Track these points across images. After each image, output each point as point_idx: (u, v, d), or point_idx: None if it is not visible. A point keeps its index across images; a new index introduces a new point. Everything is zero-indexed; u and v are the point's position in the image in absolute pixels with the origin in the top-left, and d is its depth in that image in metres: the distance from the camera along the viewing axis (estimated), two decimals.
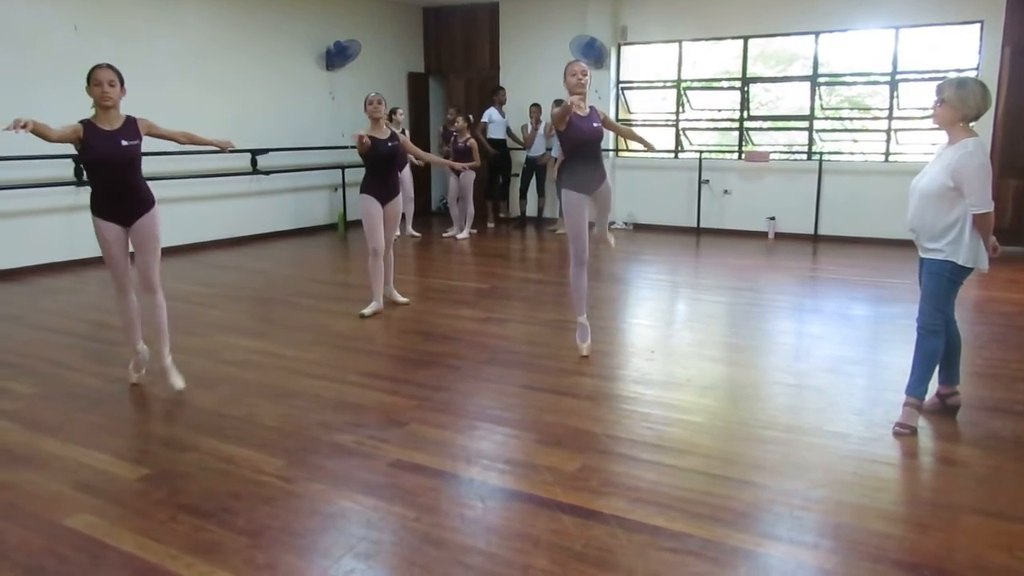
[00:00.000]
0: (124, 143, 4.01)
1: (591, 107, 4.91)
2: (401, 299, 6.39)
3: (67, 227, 7.77)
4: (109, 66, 3.98)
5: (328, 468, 3.39)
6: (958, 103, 3.53)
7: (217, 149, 4.68)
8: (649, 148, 5.56)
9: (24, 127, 3.61)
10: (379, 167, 5.91)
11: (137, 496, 3.14)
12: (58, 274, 7.65)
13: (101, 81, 3.91)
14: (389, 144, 5.87)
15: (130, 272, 4.28)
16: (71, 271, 7.71)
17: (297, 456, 3.50)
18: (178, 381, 4.34)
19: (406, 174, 9.76)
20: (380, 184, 5.92)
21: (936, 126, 3.71)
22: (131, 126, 4.06)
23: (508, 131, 11.24)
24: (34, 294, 6.89)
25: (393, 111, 9.89)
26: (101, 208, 4.10)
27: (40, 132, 3.74)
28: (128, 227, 4.17)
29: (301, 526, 2.89)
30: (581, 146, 4.81)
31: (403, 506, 3.03)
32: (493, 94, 11.33)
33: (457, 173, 10.03)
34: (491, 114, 11.05)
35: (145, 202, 4.19)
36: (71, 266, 7.80)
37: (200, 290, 7.04)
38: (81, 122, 3.95)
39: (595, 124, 4.83)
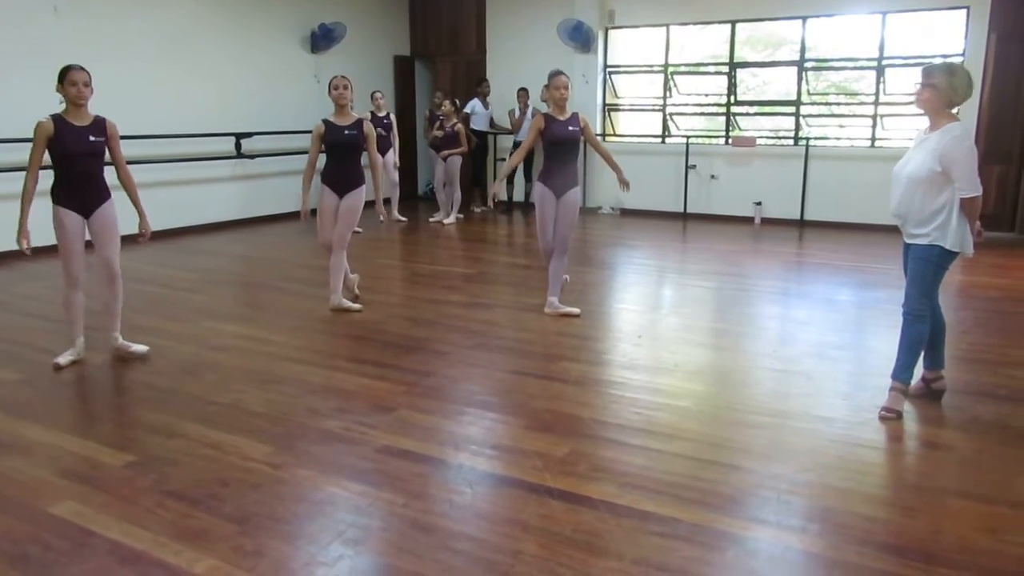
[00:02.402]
0: (92, 139, 4.32)
1: (574, 113, 5.46)
2: (353, 306, 5.69)
3: (48, 212, 7.64)
4: (81, 67, 4.28)
5: (315, 454, 3.38)
6: (947, 89, 3.55)
7: (138, 214, 4.69)
8: (622, 182, 5.71)
9: (28, 243, 4.41)
10: (336, 156, 5.52)
11: (123, 483, 3.11)
12: (41, 259, 7.51)
13: (77, 81, 4.22)
14: (347, 132, 5.44)
15: (83, 265, 4.50)
16: (54, 256, 7.56)
17: (284, 442, 3.49)
18: (140, 347, 4.67)
19: (389, 159, 9.72)
20: (337, 174, 5.51)
21: (920, 110, 3.72)
22: (100, 125, 4.38)
23: (492, 122, 11.22)
24: (16, 279, 6.81)
25: (372, 95, 9.82)
26: (64, 197, 4.38)
27: (30, 197, 4.37)
28: (87, 217, 4.44)
29: (289, 512, 2.87)
30: (556, 145, 5.41)
31: (391, 492, 3.02)
32: (477, 86, 11.28)
33: (444, 158, 9.99)
34: (474, 105, 11.02)
35: (103, 193, 4.45)
36: (54, 251, 7.64)
37: (184, 275, 6.98)
38: (51, 116, 4.25)
39: (571, 128, 5.40)
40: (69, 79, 4.22)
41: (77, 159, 4.30)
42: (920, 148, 3.66)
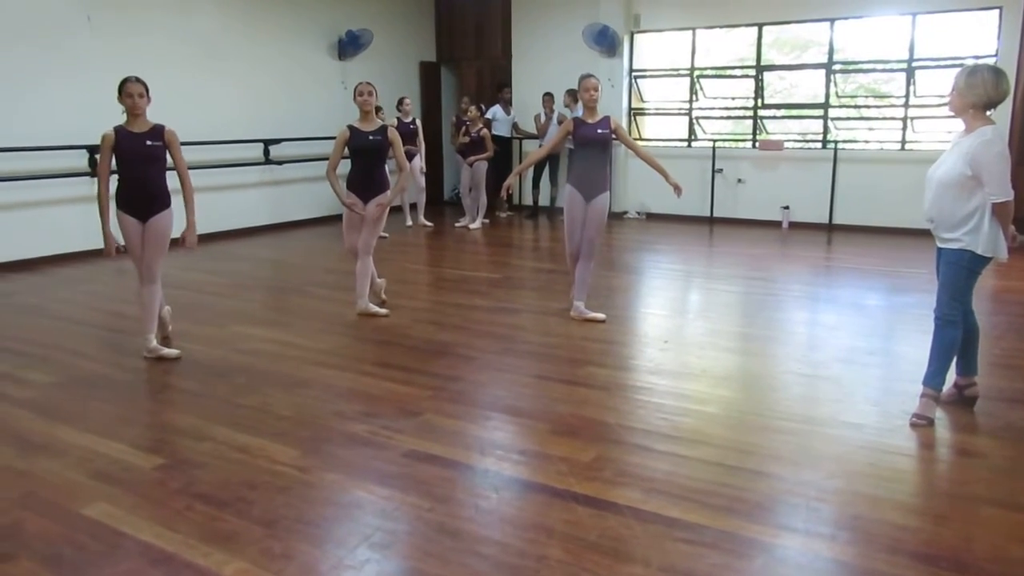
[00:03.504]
0: (148, 143, 4.54)
1: (606, 117, 5.43)
2: (379, 311, 5.74)
3: (84, 217, 7.78)
4: (138, 79, 4.50)
5: (342, 458, 3.40)
6: (966, 90, 3.51)
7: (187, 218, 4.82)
8: (674, 186, 5.54)
9: (118, 249, 4.66)
10: (361, 161, 5.57)
11: (154, 485, 3.16)
12: (75, 264, 7.70)
13: (132, 93, 4.45)
14: (371, 137, 5.50)
15: None
16: (88, 261, 7.75)
17: (311, 446, 3.52)
18: (172, 351, 4.79)
19: (416, 164, 9.76)
20: (362, 180, 5.56)
21: (952, 114, 3.68)
22: (157, 131, 4.58)
23: (516, 128, 11.24)
24: (51, 284, 6.93)
25: (401, 100, 9.89)
26: (123, 202, 4.60)
27: (104, 204, 4.57)
28: (144, 222, 4.62)
29: (316, 516, 2.90)
30: (585, 148, 5.42)
31: (417, 496, 3.03)
32: (499, 92, 11.31)
33: (470, 164, 10.02)
34: (495, 111, 11.06)
35: (162, 202, 4.66)
36: (88, 256, 7.84)
37: (214, 280, 7.07)
38: (114, 128, 4.49)
39: (600, 131, 5.38)
40: (125, 91, 4.45)
41: (133, 163, 4.53)
42: (953, 151, 3.61)
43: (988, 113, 3.56)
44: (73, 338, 5.23)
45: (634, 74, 11.12)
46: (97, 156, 4.65)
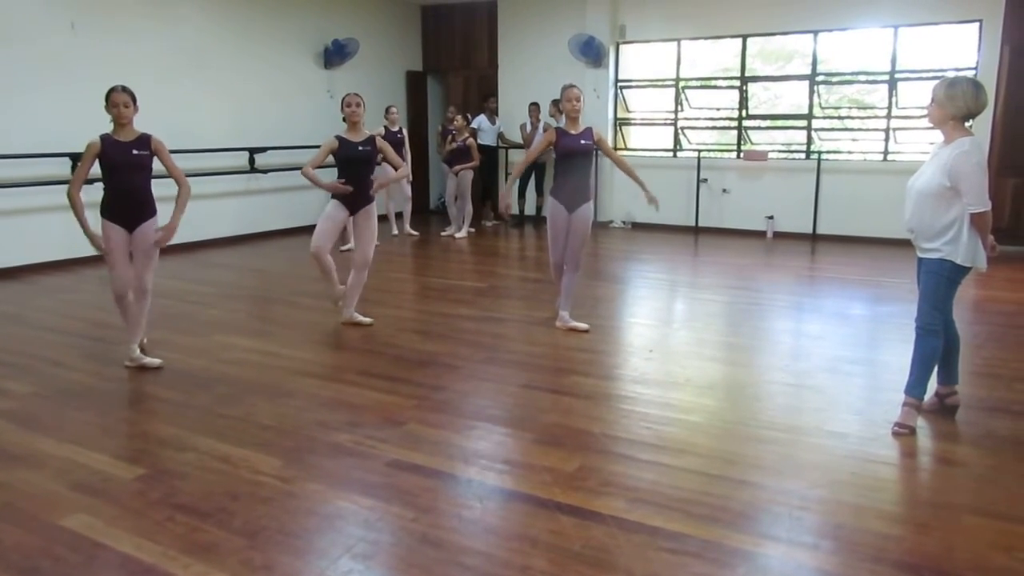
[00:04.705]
0: (134, 152, 4.53)
1: (588, 128, 5.44)
2: (364, 320, 5.72)
3: (66, 225, 7.60)
4: (124, 88, 4.49)
5: (325, 468, 3.38)
6: (946, 102, 3.55)
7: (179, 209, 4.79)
8: (650, 199, 5.57)
9: (102, 244, 4.58)
10: (350, 172, 5.49)
11: (134, 496, 3.12)
12: (56, 273, 7.63)
13: (118, 103, 4.45)
14: (360, 148, 5.48)
15: (129, 276, 4.67)
16: (69, 270, 7.69)
17: (294, 456, 3.49)
18: (153, 360, 4.75)
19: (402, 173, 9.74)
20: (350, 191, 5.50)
21: (931, 125, 3.72)
22: (144, 140, 4.58)
23: (501, 136, 11.27)
24: (32, 293, 6.87)
25: (387, 109, 9.89)
26: (109, 210, 4.58)
27: (79, 207, 4.47)
28: (131, 232, 4.60)
29: (298, 526, 2.87)
30: (568, 158, 5.41)
31: (401, 506, 3.02)
32: (484, 101, 11.34)
33: (456, 173, 10.02)
34: (480, 121, 11.07)
35: (148, 210, 4.66)
36: (69, 265, 7.78)
37: (198, 289, 7.02)
38: (100, 136, 4.49)
39: (583, 141, 5.38)
40: (111, 101, 4.45)
41: (120, 171, 4.52)
42: (932, 162, 3.65)
43: (967, 124, 3.60)
44: (53, 347, 5.18)
45: (620, 84, 11.18)
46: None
